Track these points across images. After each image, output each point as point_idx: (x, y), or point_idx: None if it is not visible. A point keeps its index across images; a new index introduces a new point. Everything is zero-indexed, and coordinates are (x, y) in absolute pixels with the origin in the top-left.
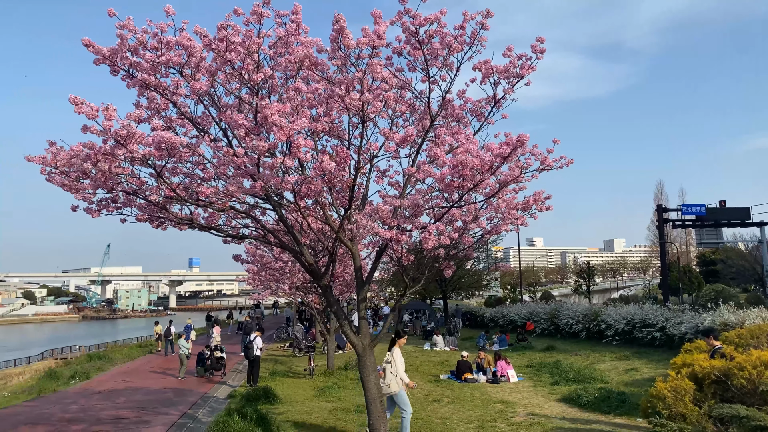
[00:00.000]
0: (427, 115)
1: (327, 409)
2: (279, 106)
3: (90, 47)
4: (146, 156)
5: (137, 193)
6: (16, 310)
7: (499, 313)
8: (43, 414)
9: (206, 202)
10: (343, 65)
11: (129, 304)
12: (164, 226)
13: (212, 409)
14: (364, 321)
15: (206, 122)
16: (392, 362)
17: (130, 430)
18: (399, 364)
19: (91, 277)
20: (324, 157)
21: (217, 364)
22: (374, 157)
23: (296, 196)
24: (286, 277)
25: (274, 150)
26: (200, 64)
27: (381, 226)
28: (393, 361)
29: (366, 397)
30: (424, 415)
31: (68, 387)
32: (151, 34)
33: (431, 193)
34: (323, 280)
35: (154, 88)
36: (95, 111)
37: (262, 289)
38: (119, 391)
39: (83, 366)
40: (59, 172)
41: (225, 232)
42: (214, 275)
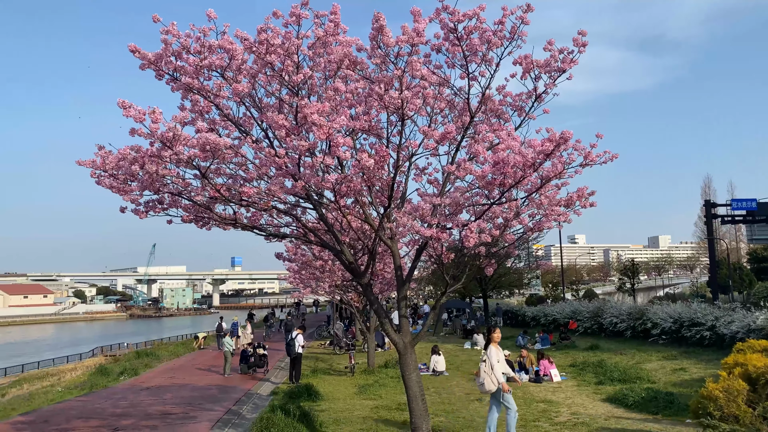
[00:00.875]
0: (466, 111)
1: (368, 406)
2: (318, 105)
3: (136, 53)
4: (191, 158)
5: (183, 194)
6: (68, 309)
7: (540, 312)
8: (95, 409)
9: (249, 201)
10: (382, 63)
11: (174, 302)
12: (209, 226)
13: (256, 405)
14: (405, 319)
15: (248, 123)
16: (486, 360)
17: (177, 425)
18: (495, 362)
19: (138, 277)
20: (363, 155)
21: (260, 361)
22: (413, 155)
23: (336, 195)
24: (326, 275)
25: (314, 149)
26: (242, 66)
27: (421, 225)
28: (488, 359)
29: (408, 395)
30: (466, 414)
31: (118, 383)
32: (194, 38)
33: (471, 191)
34: (363, 278)
35: (198, 91)
36: (142, 114)
37: (302, 288)
38: (166, 388)
39: (131, 363)
40: (108, 175)
41: (267, 231)
42: (256, 274)
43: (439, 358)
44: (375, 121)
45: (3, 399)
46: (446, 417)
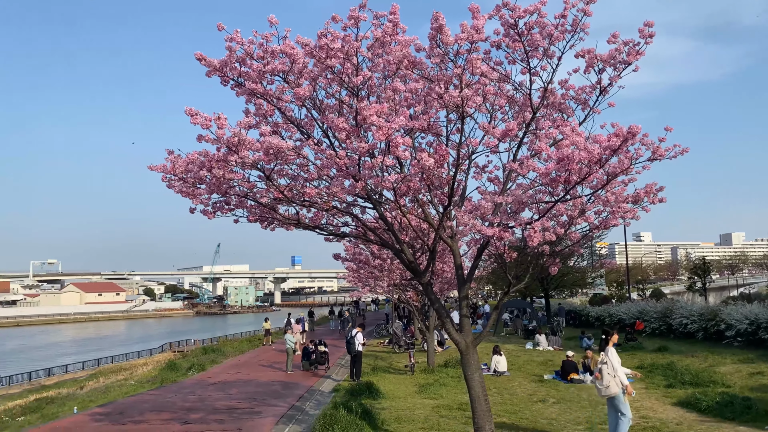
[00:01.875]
0: (527, 107)
1: (429, 405)
2: (377, 107)
3: (202, 60)
4: (256, 161)
5: (248, 196)
6: (138, 306)
7: (605, 312)
8: (166, 402)
9: (311, 202)
10: (442, 62)
11: (238, 300)
12: (272, 226)
13: (318, 402)
14: (467, 319)
15: (309, 125)
16: (608, 362)
17: (243, 420)
18: (617, 364)
19: (203, 275)
20: (422, 154)
21: (322, 358)
22: (473, 152)
23: (396, 194)
24: (385, 274)
25: (373, 150)
26: (303, 70)
27: (482, 223)
28: (609, 361)
29: (470, 396)
30: (528, 415)
31: (186, 378)
32: (257, 44)
33: (534, 188)
34: (424, 277)
35: (261, 96)
36: (208, 121)
37: (361, 287)
38: (232, 383)
39: (199, 358)
40: (178, 179)
41: (328, 231)
42: (315, 272)
43: (500, 358)
44: (434, 120)
45: (82, 391)
46: (509, 418)
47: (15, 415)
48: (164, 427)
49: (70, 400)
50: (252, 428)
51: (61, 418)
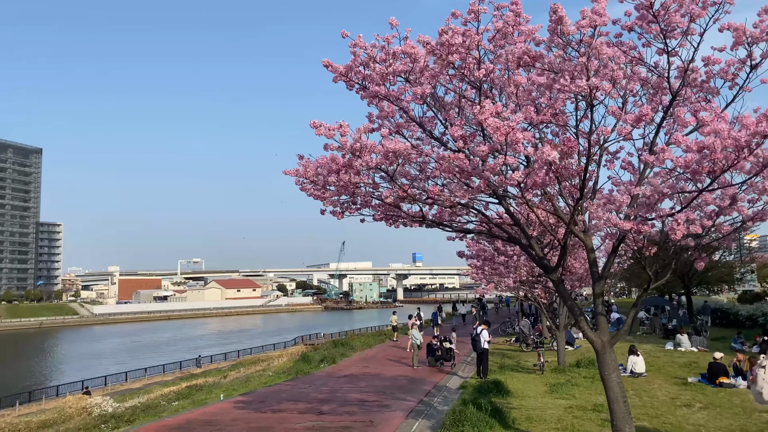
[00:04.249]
0: (663, 89)
1: (561, 406)
2: (492, 107)
3: (329, 67)
4: (378, 164)
5: (374, 196)
6: (273, 301)
7: (758, 311)
8: (300, 393)
9: (434, 199)
10: (564, 52)
11: (362, 296)
12: (397, 224)
13: (445, 398)
14: (603, 317)
15: (431, 123)
16: (767, 367)
17: (374, 412)
18: None
19: (330, 272)
20: (545, 147)
21: (447, 354)
22: (605, 141)
23: (522, 189)
24: (510, 270)
25: (495, 151)
26: (424, 69)
27: (617, 216)
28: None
29: (608, 397)
30: (672, 420)
31: (318, 370)
32: (379, 47)
33: (673, 177)
34: (555, 273)
35: (384, 97)
36: (331, 130)
37: (485, 283)
38: (360, 377)
39: (329, 351)
40: (309, 182)
41: (452, 227)
42: (437, 269)
43: (637, 359)
44: (559, 112)
45: (225, 380)
46: (650, 422)
47: (170, 400)
48: (301, 416)
49: (216, 388)
50: (382, 421)
51: (209, 404)
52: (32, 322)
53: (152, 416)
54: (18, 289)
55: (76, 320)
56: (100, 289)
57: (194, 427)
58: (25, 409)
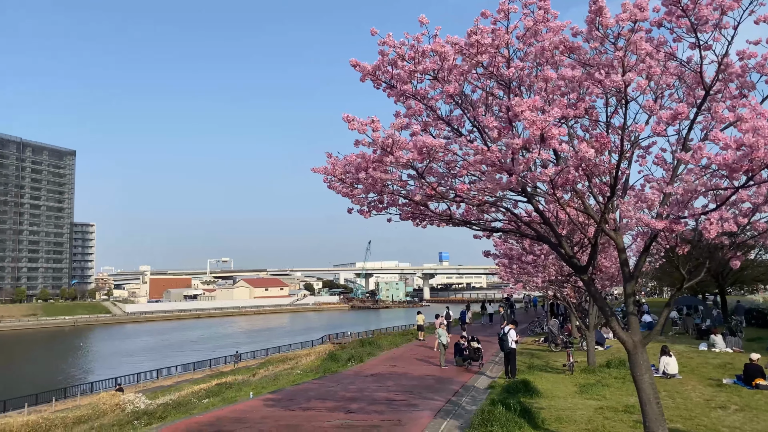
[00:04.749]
0: (698, 84)
1: (592, 407)
2: (529, 101)
3: (356, 66)
4: (409, 160)
5: (401, 195)
6: (300, 300)
7: None
8: (328, 391)
9: (462, 197)
10: (601, 45)
11: (389, 295)
12: (424, 223)
13: (474, 398)
14: (634, 317)
15: (459, 121)
16: None
17: (402, 411)
18: None
19: (357, 271)
20: (581, 144)
21: (475, 354)
22: (638, 138)
23: (553, 187)
24: (539, 269)
25: (528, 145)
26: (453, 68)
27: (649, 215)
28: None
29: (640, 398)
30: (707, 422)
31: (345, 369)
32: (409, 45)
33: (707, 174)
34: (585, 273)
35: (412, 96)
36: (364, 125)
37: (513, 283)
38: (387, 375)
39: (356, 350)
40: (338, 180)
41: (480, 226)
42: (463, 269)
43: (669, 359)
44: (590, 107)
45: (254, 378)
46: (683, 424)
47: (201, 397)
48: (329, 414)
49: (245, 386)
50: (410, 420)
51: (239, 401)
52: (67, 320)
53: (183, 413)
54: (53, 288)
55: (109, 318)
56: (132, 288)
57: (225, 425)
58: (61, 405)
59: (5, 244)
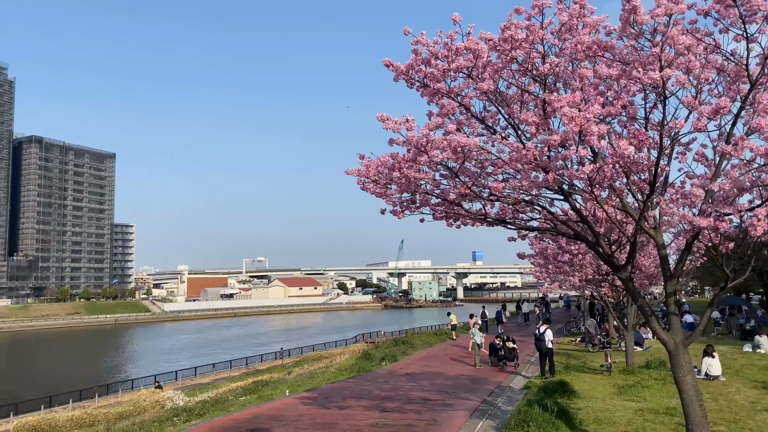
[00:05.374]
0: (742, 77)
1: (631, 408)
2: (568, 97)
3: (390, 66)
4: (443, 160)
5: (435, 194)
6: (333, 299)
7: None
8: (363, 390)
9: (498, 196)
10: (636, 42)
11: (422, 294)
12: (458, 223)
13: (509, 398)
14: (675, 316)
15: (493, 118)
16: None
17: (437, 411)
18: None
19: (390, 270)
20: (621, 142)
21: (510, 354)
22: (677, 134)
23: (590, 184)
24: (576, 269)
25: (565, 142)
26: (486, 65)
27: (690, 212)
28: None
29: (682, 399)
30: (752, 425)
31: (380, 368)
32: (442, 44)
33: (752, 169)
34: (624, 271)
35: (446, 94)
36: (398, 125)
37: (549, 282)
38: (422, 375)
39: (390, 350)
40: (371, 181)
41: (516, 225)
42: (497, 268)
43: (713, 360)
44: (628, 103)
45: (290, 376)
46: (728, 427)
47: (238, 395)
48: (365, 413)
49: (281, 384)
50: (446, 420)
51: (275, 399)
52: (108, 319)
53: (221, 410)
54: (95, 287)
55: (148, 317)
56: (170, 288)
57: (262, 422)
58: (104, 401)
59: (50, 245)
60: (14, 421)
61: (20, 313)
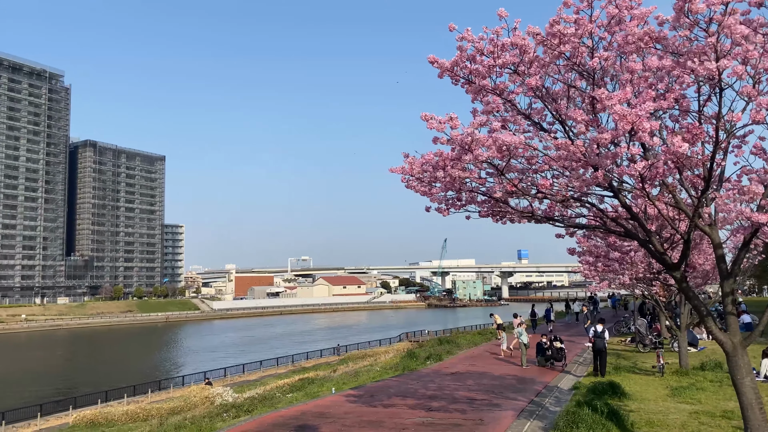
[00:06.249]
0: None
1: (686, 411)
2: (620, 93)
3: (434, 63)
4: (488, 158)
5: (482, 192)
6: (377, 298)
7: None
8: (408, 389)
9: (544, 193)
10: (690, 32)
11: (466, 294)
12: (504, 220)
13: (558, 399)
14: (733, 317)
15: (539, 114)
16: None
17: (484, 411)
18: None
19: (433, 269)
20: (675, 138)
21: (558, 354)
22: (734, 127)
23: (641, 181)
24: (626, 267)
25: (615, 139)
26: (533, 60)
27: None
28: None
29: (741, 403)
30: None
31: (424, 367)
32: (488, 40)
33: None
34: (677, 270)
35: (491, 90)
36: (442, 123)
37: (597, 281)
38: (467, 374)
39: (435, 349)
40: (415, 179)
41: (564, 222)
42: (543, 267)
43: None
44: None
45: (335, 374)
46: None
47: (285, 391)
48: (411, 412)
49: (326, 381)
50: (492, 420)
51: (321, 397)
52: (159, 317)
53: (269, 407)
54: (147, 286)
55: (198, 315)
56: (219, 286)
57: (309, 419)
58: (156, 396)
59: (104, 245)
60: (73, 415)
61: (78, 310)
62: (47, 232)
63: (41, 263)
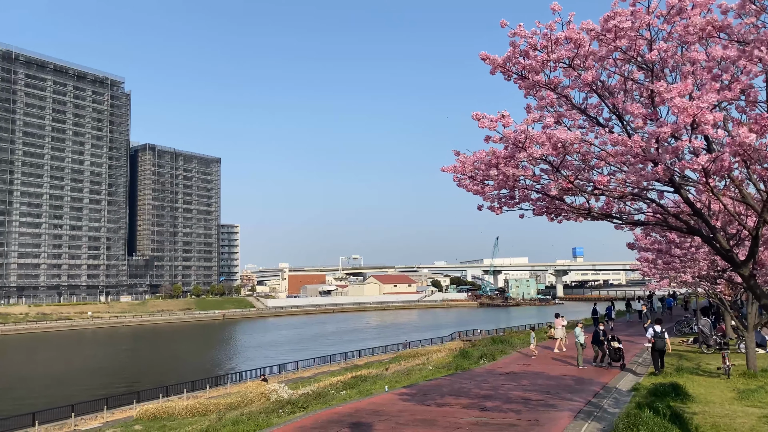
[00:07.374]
0: None
1: (755, 415)
2: (680, 86)
3: (486, 60)
4: (543, 155)
5: (535, 189)
6: (428, 297)
7: None
8: (461, 388)
9: (601, 190)
10: (757, 19)
11: (519, 292)
12: (560, 218)
13: (616, 400)
14: None
15: (595, 109)
16: None
17: (540, 411)
18: None
19: (484, 268)
20: (742, 129)
21: (615, 354)
22: None
23: (705, 175)
24: (688, 265)
25: (676, 132)
26: (588, 55)
27: None
28: None
29: None
30: None
31: (477, 366)
32: (541, 35)
33: None
34: (745, 268)
35: (545, 86)
36: (494, 122)
37: (657, 279)
38: (522, 374)
39: (488, 348)
40: (467, 177)
41: (623, 220)
42: (599, 265)
43: None
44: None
45: (387, 372)
46: None
47: (338, 389)
48: (464, 411)
49: (379, 379)
50: (549, 420)
51: (374, 394)
52: (217, 314)
53: (323, 404)
54: (204, 284)
55: (253, 312)
56: (273, 284)
57: (363, 416)
58: (214, 391)
59: (163, 245)
60: (137, 408)
61: (139, 308)
62: (110, 233)
63: (105, 263)
